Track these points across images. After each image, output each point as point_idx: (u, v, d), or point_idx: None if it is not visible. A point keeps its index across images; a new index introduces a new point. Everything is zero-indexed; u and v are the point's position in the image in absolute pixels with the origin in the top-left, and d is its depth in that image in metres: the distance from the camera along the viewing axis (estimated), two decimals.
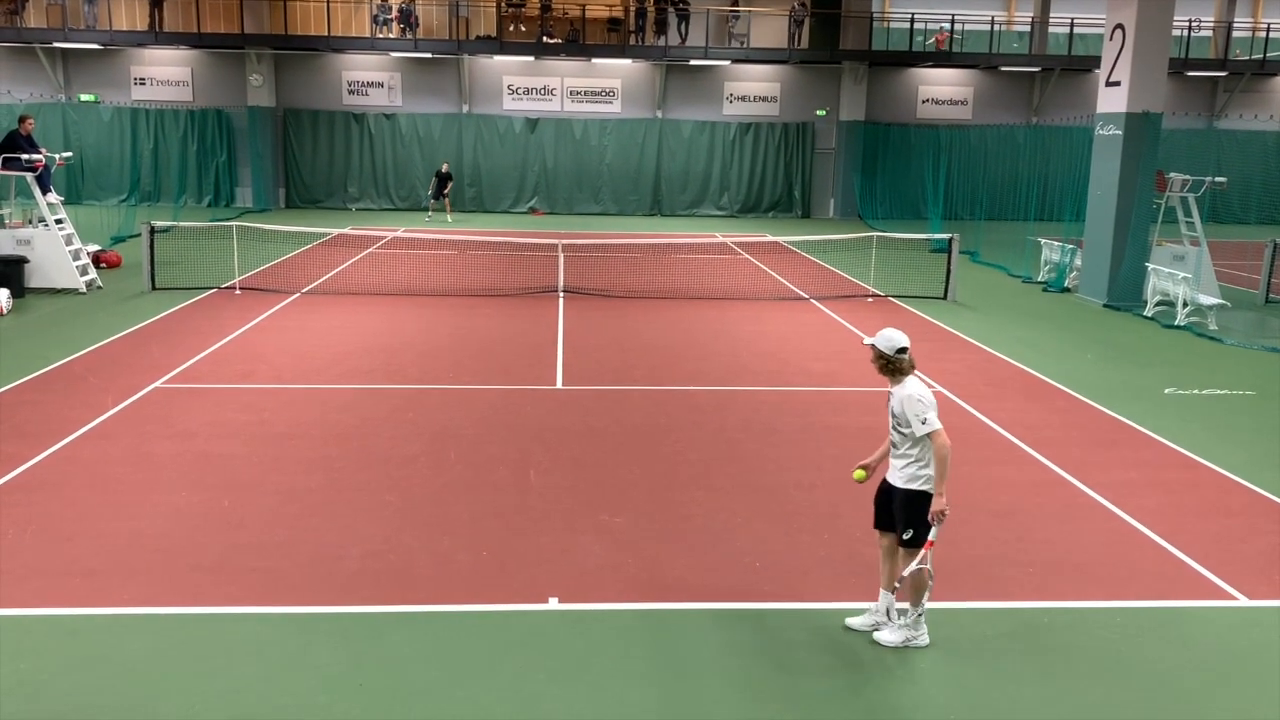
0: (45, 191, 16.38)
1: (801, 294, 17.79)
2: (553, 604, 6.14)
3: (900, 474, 5.62)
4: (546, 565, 6.68)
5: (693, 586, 6.41)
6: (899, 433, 5.62)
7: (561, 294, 17.02)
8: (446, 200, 29.89)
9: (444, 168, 29.93)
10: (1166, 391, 11.58)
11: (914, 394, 5.53)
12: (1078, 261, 18.79)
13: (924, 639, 5.70)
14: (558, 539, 7.10)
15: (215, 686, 5.20)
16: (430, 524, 7.31)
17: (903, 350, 5.57)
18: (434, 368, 11.95)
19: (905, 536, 5.58)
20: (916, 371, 5.74)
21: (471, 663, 5.48)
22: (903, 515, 5.60)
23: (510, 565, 6.66)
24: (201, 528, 7.13)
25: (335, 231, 21.53)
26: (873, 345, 5.65)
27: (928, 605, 5.68)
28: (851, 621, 5.92)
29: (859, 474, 5.85)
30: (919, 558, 5.53)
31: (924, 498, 5.54)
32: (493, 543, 7.00)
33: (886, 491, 5.74)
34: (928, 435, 5.48)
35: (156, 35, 30.91)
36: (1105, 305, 17.20)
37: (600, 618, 6.01)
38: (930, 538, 5.54)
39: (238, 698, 5.12)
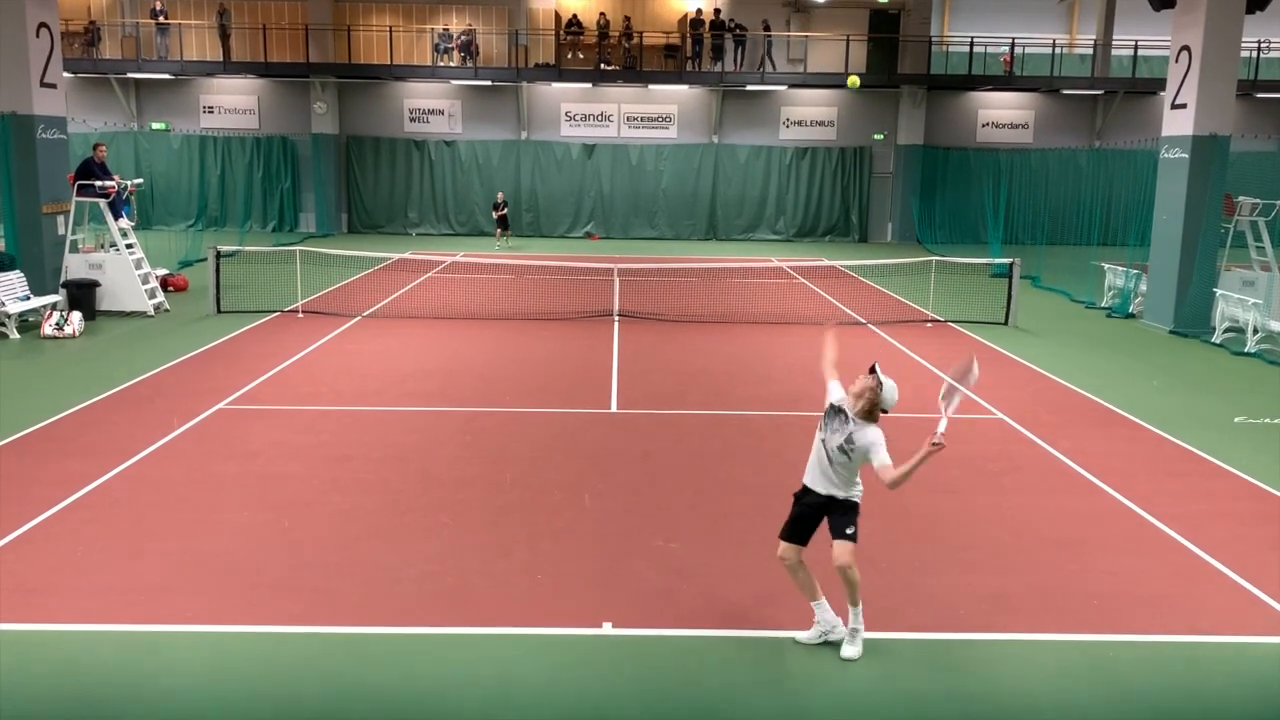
0: (117, 217, 16.86)
1: (859, 319, 17.66)
2: (607, 629, 6.12)
3: (842, 490, 5.80)
4: (601, 589, 6.66)
5: (749, 614, 6.35)
6: (845, 455, 5.71)
7: (617, 318, 17.07)
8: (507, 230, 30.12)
9: (499, 197, 30.43)
10: (1236, 420, 11.28)
11: (877, 440, 5.68)
12: (1143, 287, 18.42)
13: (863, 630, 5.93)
14: (613, 563, 7.08)
15: (273, 705, 5.26)
16: (486, 546, 7.34)
17: (888, 409, 5.79)
18: (491, 390, 12.04)
19: (850, 531, 5.76)
20: None
21: (525, 686, 5.48)
22: (845, 520, 5.77)
23: (565, 589, 6.66)
24: (262, 547, 7.24)
25: (396, 256, 21.86)
26: (880, 383, 5.71)
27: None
28: (800, 637, 6.01)
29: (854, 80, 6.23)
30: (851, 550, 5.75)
31: (857, 506, 5.85)
32: (548, 566, 7.01)
33: (821, 505, 5.85)
34: (880, 468, 5.66)
35: (225, 65, 31.76)
36: (1171, 331, 16.83)
37: (655, 644, 5.97)
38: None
39: (294, 717, 5.17)
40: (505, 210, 30.05)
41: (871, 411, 5.71)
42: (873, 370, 5.77)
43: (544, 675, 5.60)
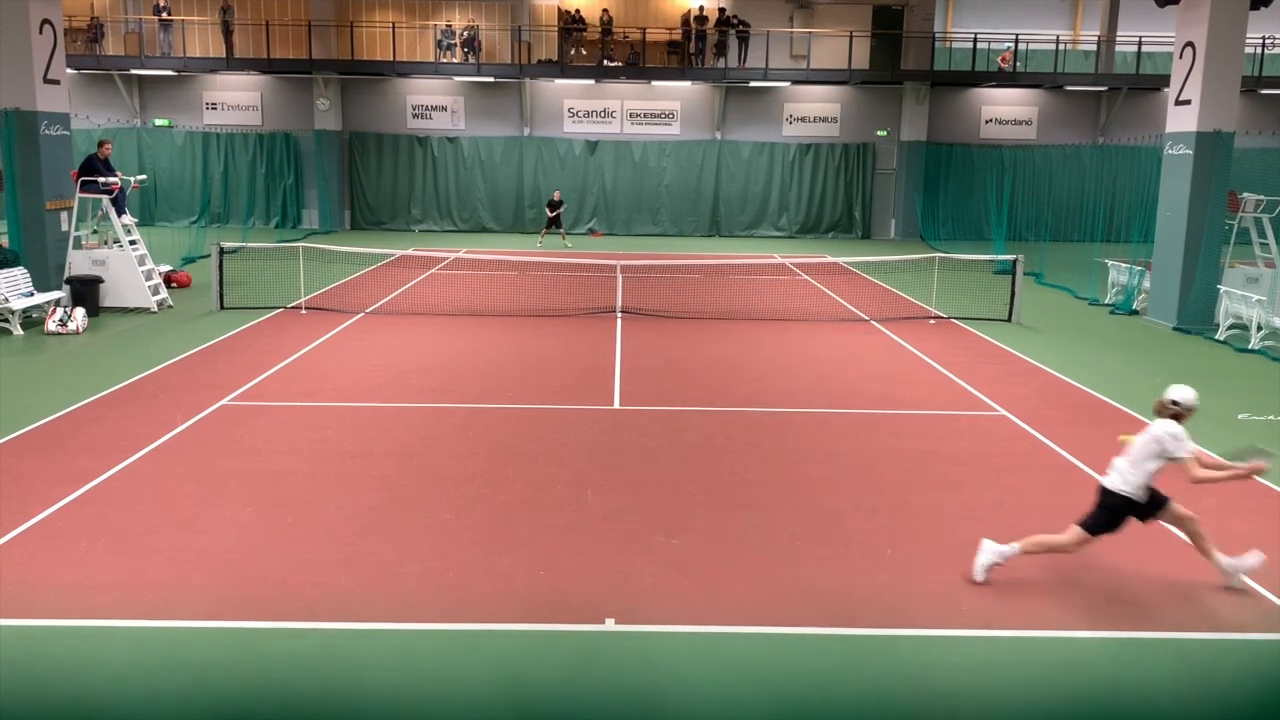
0: (120, 213, 16.87)
1: (862, 315, 17.64)
2: (609, 625, 6.12)
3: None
4: (603, 586, 6.66)
5: (751, 610, 6.35)
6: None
7: (619, 315, 17.07)
8: (560, 230, 29.41)
9: (556, 196, 29.45)
10: (1240, 417, 11.25)
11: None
12: (1146, 283, 18.40)
13: None
14: (615, 559, 7.08)
15: (274, 701, 5.27)
16: (488, 542, 7.34)
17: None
18: (494, 387, 12.04)
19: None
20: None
21: (527, 683, 5.48)
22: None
23: (567, 585, 6.66)
24: (264, 543, 7.24)
25: (398, 252, 21.85)
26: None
27: None
28: (1244, 578, 6.81)
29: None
30: None
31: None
32: (550, 562, 7.01)
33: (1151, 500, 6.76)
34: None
35: (228, 61, 31.76)
36: (1175, 328, 16.81)
37: (657, 640, 5.97)
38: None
39: (296, 713, 5.17)
40: (561, 209, 29.02)
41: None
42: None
43: (546, 672, 5.59)
